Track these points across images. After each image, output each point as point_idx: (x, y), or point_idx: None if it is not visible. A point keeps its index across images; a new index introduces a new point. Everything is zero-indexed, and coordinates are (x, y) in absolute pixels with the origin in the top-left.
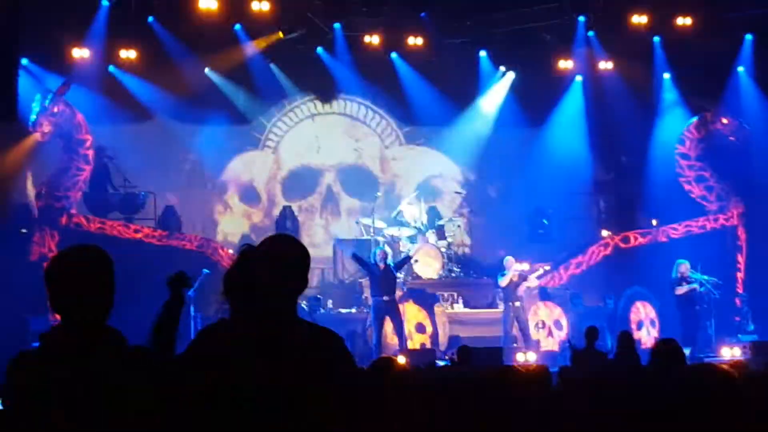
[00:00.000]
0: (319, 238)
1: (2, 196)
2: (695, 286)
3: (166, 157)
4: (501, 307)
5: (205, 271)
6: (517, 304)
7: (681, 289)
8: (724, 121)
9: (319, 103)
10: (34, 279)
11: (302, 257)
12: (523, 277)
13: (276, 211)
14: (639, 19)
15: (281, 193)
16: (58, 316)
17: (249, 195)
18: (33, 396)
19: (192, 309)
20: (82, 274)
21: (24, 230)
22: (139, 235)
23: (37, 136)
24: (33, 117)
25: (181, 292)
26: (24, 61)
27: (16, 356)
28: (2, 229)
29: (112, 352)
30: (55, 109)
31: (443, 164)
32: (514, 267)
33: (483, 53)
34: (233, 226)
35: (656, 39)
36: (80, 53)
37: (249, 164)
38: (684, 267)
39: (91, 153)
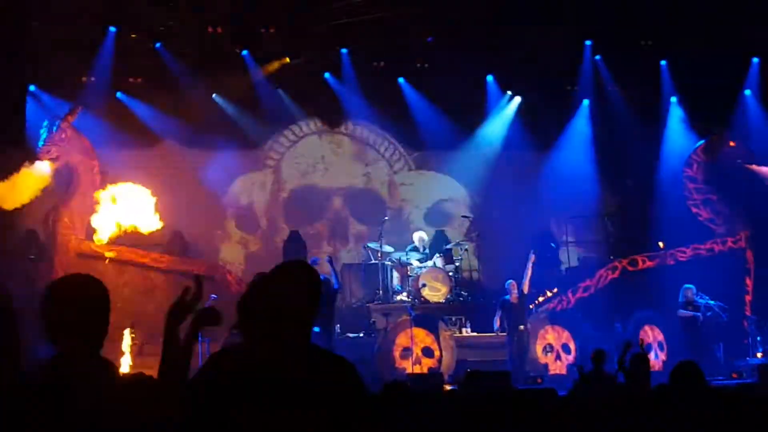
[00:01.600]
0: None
1: (10, 223)
2: (698, 315)
3: (174, 182)
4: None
5: (213, 296)
6: (521, 327)
7: (684, 313)
8: (732, 144)
9: (327, 128)
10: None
11: (314, 283)
12: (521, 292)
13: (284, 236)
14: (645, 43)
15: (289, 217)
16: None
17: (255, 220)
18: (26, 427)
19: (199, 334)
20: (76, 305)
21: (32, 256)
22: (146, 260)
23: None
24: (40, 143)
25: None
26: (32, 88)
27: (6, 387)
28: (11, 255)
29: (105, 382)
30: (63, 135)
31: (451, 189)
32: (514, 288)
33: (490, 78)
34: (241, 251)
35: (663, 62)
36: (88, 79)
37: (256, 189)
38: (690, 291)
39: (98, 179)
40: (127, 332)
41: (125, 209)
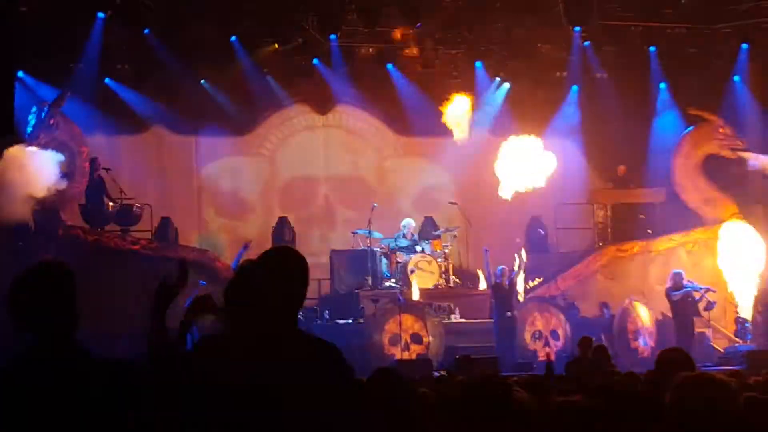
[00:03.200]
0: (315, 249)
1: None
2: (690, 290)
3: (163, 168)
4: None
5: (202, 282)
6: (508, 314)
7: (676, 296)
8: (721, 130)
9: (315, 114)
10: None
11: (302, 269)
12: (512, 280)
13: (272, 222)
14: (634, 29)
15: (278, 203)
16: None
17: (245, 206)
18: (6, 414)
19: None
20: (42, 292)
21: (20, 243)
22: (135, 247)
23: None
24: (29, 129)
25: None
26: (20, 74)
27: None
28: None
29: (79, 366)
30: (52, 122)
31: (439, 175)
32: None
33: (478, 64)
34: (229, 237)
35: (652, 49)
36: (76, 65)
37: (245, 175)
38: (679, 277)
39: (87, 165)
40: None
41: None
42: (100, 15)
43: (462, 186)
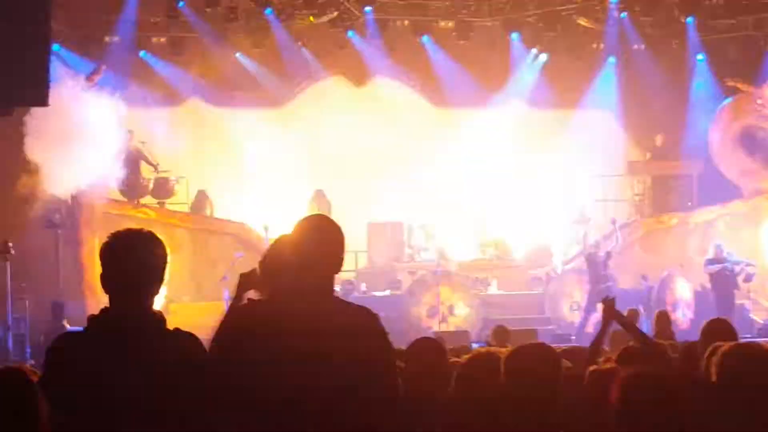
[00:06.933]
0: (352, 221)
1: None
2: (728, 263)
3: (198, 141)
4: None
5: (238, 254)
6: (602, 285)
7: (712, 269)
8: (759, 101)
9: (351, 86)
10: (67, 264)
11: (337, 237)
12: (607, 252)
13: (309, 194)
14: (671, 0)
15: (314, 175)
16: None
17: (281, 179)
18: (77, 377)
19: (226, 292)
20: (132, 258)
21: (57, 215)
22: (172, 220)
23: None
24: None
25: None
26: (56, 48)
27: (59, 338)
28: (35, 215)
29: (156, 335)
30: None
31: (476, 147)
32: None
33: (515, 35)
34: (266, 208)
35: (689, 20)
36: (111, 39)
37: (281, 147)
38: (719, 249)
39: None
40: None
41: None
42: None
43: (499, 158)
